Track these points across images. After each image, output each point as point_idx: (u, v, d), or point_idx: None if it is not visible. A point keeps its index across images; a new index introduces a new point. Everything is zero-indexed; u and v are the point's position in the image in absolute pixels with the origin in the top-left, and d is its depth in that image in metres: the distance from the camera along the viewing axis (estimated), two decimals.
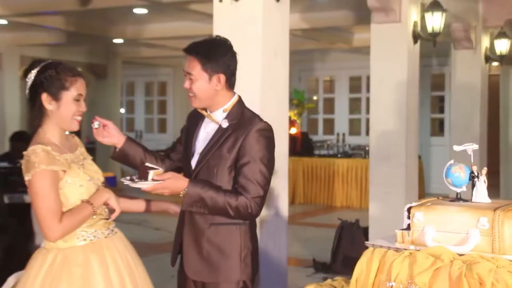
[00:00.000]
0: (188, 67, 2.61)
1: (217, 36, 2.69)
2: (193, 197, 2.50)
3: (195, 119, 2.75)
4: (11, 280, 2.67)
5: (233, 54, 2.66)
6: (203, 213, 2.55)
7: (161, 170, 2.49)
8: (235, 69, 2.67)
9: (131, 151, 2.75)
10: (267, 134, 2.61)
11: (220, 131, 2.62)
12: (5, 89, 11.80)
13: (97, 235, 2.48)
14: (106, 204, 2.50)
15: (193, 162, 2.66)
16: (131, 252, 2.61)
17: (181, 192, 2.50)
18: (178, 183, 2.49)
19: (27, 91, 2.48)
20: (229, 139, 2.58)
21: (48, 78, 2.43)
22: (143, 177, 2.43)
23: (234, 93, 2.69)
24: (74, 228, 2.40)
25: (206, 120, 2.69)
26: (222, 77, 2.61)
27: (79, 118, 2.50)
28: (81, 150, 2.61)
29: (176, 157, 2.83)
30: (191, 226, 2.62)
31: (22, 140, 6.04)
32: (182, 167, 2.81)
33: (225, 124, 2.61)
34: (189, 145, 2.71)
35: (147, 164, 2.51)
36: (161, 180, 2.45)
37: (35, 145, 2.38)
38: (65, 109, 2.45)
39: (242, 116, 2.63)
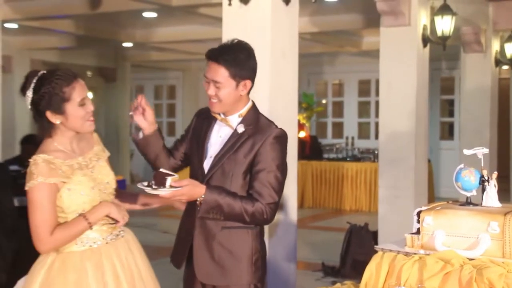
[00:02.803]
0: (214, 75, 2.57)
1: (237, 40, 2.66)
2: (210, 203, 2.51)
3: (205, 119, 2.73)
4: (20, 283, 2.68)
5: (255, 58, 2.66)
6: (218, 219, 2.56)
7: (177, 176, 2.49)
8: (256, 73, 2.67)
9: (153, 142, 2.75)
10: (283, 140, 2.64)
11: (235, 135, 2.62)
12: (15, 92, 11.83)
13: (97, 241, 2.48)
14: (108, 217, 2.49)
15: (206, 165, 2.65)
16: (137, 255, 2.60)
17: (198, 199, 2.51)
18: (195, 190, 2.50)
19: (29, 107, 2.44)
20: (245, 144, 2.59)
21: (45, 96, 2.38)
22: (161, 183, 2.43)
23: (249, 99, 2.69)
24: (66, 241, 2.41)
25: (219, 123, 2.68)
26: (249, 83, 2.62)
27: (91, 118, 2.48)
28: (97, 149, 2.60)
29: (179, 157, 2.84)
30: (202, 229, 2.62)
31: (32, 143, 6.05)
32: (184, 166, 2.82)
33: (241, 129, 2.62)
34: (200, 146, 2.70)
35: (162, 170, 2.50)
36: (179, 187, 2.45)
37: (38, 155, 2.39)
38: (73, 118, 2.43)
39: (258, 122, 2.64)
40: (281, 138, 2.62)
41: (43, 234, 2.35)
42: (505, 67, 9.45)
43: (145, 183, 2.47)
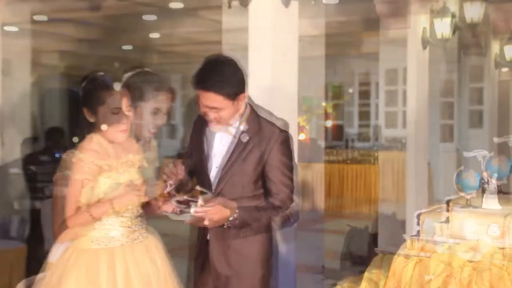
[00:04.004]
0: (210, 102, 2.55)
1: (214, 56, 2.63)
2: (238, 224, 2.57)
3: (204, 127, 2.71)
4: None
5: (240, 67, 2.63)
6: (250, 235, 2.63)
7: (210, 195, 2.53)
8: (246, 81, 2.66)
9: (185, 180, 2.74)
10: (288, 142, 2.68)
11: (240, 145, 2.61)
12: (14, 96, 11.86)
13: (112, 242, 2.54)
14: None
15: (213, 177, 2.66)
16: (157, 260, 2.65)
17: (225, 224, 2.56)
18: (224, 209, 2.53)
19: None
20: (252, 154, 2.60)
21: (86, 93, 2.53)
22: (190, 203, 2.50)
23: (246, 103, 2.68)
24: (84, 223, 2.50)
25: (219, 131, 2.67)
26: (243, 95, 2.61)
27: (122, 130, 2.53)
28: (133, 157, 2.63)
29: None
30: (217, 239, 2.66)
31: (33, 147, 6.06)
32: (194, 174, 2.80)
33: (245, 139, 2.62)
34: (203, 157, 2.70)
35: (198, 187, 2.57)
36: (210, 206, 2.49)
37: (71, 150, 2.54)
38: (103, 122, 2.51)
39: (260, 128, 2.64)
40: (286, 140, 2.67)
41: (54, 220, 2.53)
42: (505, 69, 9.46)
43: (177, 201, 2.52)
